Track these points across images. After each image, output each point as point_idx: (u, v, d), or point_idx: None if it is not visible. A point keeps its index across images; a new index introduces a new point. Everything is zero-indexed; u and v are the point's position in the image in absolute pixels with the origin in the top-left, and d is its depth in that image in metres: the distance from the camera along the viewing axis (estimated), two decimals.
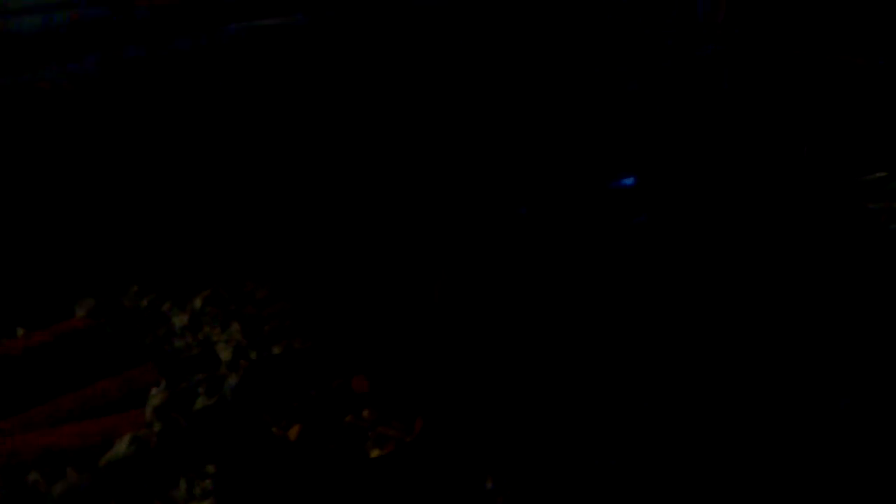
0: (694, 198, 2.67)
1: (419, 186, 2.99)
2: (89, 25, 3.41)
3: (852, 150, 3.08)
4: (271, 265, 2.97)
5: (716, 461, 2.06)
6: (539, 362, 2.31)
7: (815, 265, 2.53)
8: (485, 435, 2.14)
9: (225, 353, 2.61)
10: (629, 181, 2.55)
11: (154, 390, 2.37)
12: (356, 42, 3.68)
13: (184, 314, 2.80)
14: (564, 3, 3.12)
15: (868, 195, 2.78)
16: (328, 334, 2.62)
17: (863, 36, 3.71)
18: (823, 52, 3.64)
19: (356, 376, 2.36)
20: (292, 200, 3.15)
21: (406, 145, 3.19)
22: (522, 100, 3.24)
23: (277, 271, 2.95)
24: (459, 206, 2.82)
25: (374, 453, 2.14)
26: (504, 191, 2.77)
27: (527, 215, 2.59)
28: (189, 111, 3.31)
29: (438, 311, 2.46)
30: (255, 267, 2.98)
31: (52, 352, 2.55)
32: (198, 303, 2.86)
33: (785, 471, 2.04)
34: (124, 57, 3.34)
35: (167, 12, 3.56)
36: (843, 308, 2.40)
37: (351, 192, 3.09)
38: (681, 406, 2.20)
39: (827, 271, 2.51)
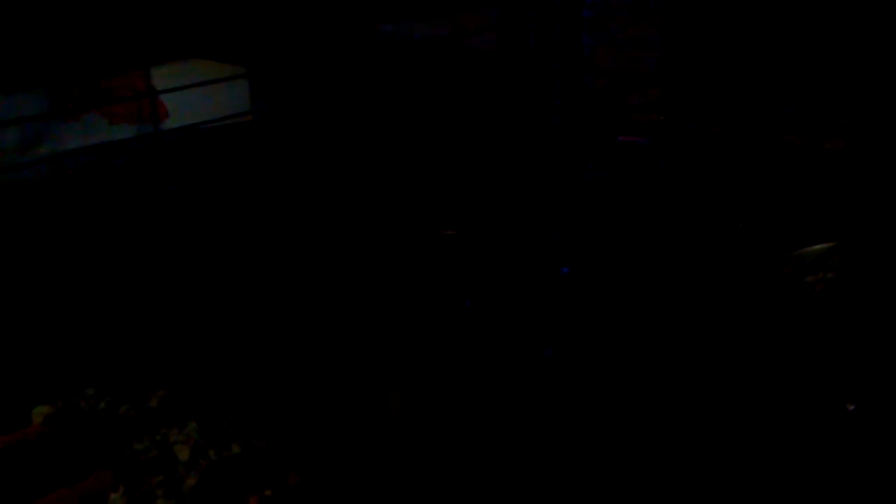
0: (628, 283, 2.77)
1: (372, 284, 3.06)
2: None
3: (794, 226, 3.19)
4: (229, 362, 2.99)
5: None
6: (492, 460, 2.36)
7: (743, 336, 2.61)
8: None
9: (183, 454, 2.61)
10: (565, 270, 2.65)
11: (112, 496, 2.37)
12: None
13: (141, 415, 2.80)
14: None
15: (806, 268, 2.89)
16: (288, 431, 2.64)
17: (802, 116, 3.89)
18: (760, 132, 3.81)
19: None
20: (245, 299, 3.19)
21: (349, 242, 3.27)
22: (459, 191, 3.35)
23: (236, 368, 2.97)
24: (406, 300, 2.89)
25: None
26: (450, 284, 2.85)
27: (471, 308, 2.67)
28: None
29: (395, 417, 2.51)
30: (212, 364, 3.00)
31: (7, 461, 2.54)
32: (154, 402, 2.86)
33: None
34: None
35: None
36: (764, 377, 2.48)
37: (308, 291, 3.15)
38: None
39: (754, 341, 2.60)
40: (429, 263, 3.00)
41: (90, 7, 3.16)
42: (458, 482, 2.30)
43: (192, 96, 3.84)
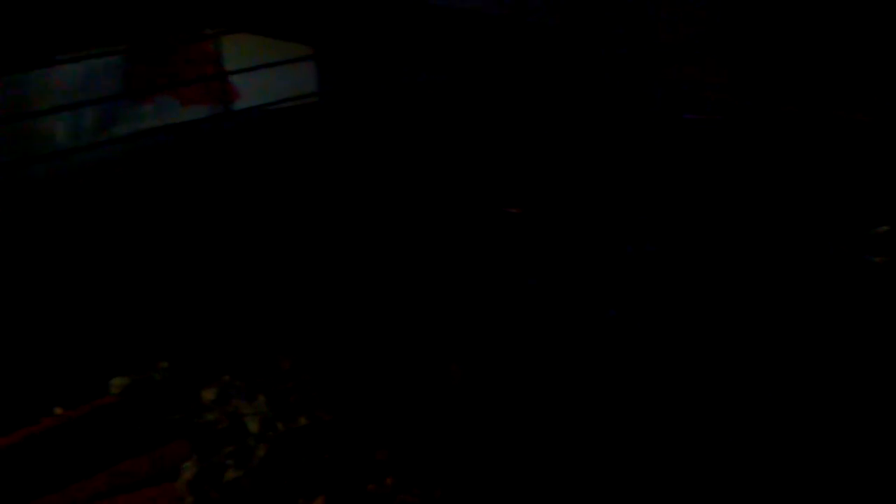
0: (693, 260, 2.77)
1: (436, 262, 3.10)
2: None
3: (858, 205, 3.15)
4: (295, 338, 3.06)
5: None
6: (552, 437, 2.38)
7: (815, 317, 2.60)
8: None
9: (253, 426, 2.69)
10: (629, 249, 2.66)
11: (186, 464, 2.46)
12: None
13: (212, 388, 2.89)
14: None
15: (872, 249, 2.85)
16: (352, 405, 2.70)
17: (862, 91, 3.81)
18: (821, 107, 3.74)
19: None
20: (316, 276, 3.26)
21: (422, 224, 3.31)
22: (532, 174, 3.37)
23: (302, 344, 3.04)
24: (472, 278, 2.92)
25: None
26: (515, 262, 2.88)
27: (536, 286, 2.70)
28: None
29: (456, 388, 2.55)
30: (280, 339, 3.08)
31: (86, 429, 2.65)
32: (226, 377, 2.95)
33: None
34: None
35: None
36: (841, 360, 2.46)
37: (374, 268, 3.20)
38: None
39: (827, 323, 2.58)
40: (493, 241, 3.03)
41: None
42: (519, 445, 2.34)
43: (262, 79, 3.92)
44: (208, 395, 2.86)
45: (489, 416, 2.47)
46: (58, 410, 2.76)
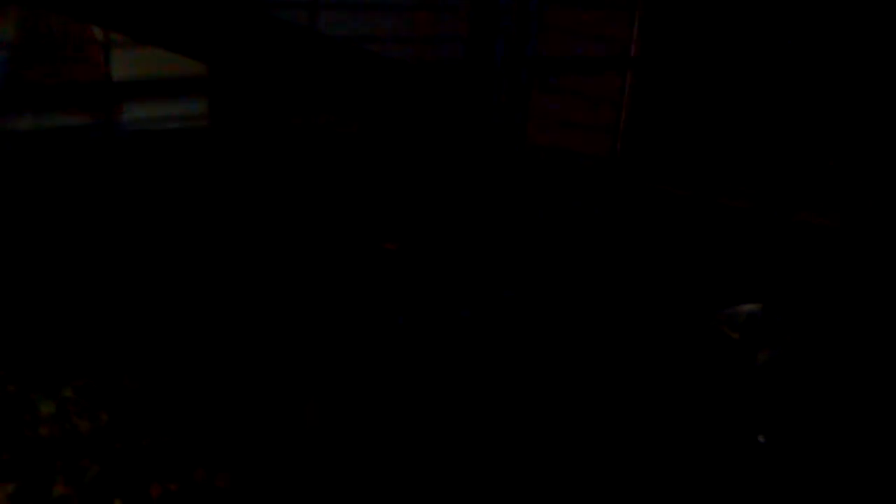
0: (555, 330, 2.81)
1: (293, 286, 3.06)
2: None
3: (729, 285, 3.25)
4: (146, 359, 2.95)
5: None
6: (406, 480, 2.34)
7: (667, 389, 2.65)
8: None
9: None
10: (508, 294, 2.69)
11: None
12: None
13: (51, 402, 2.75)
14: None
15: (734, 326, 2.93)
16: (198, 430, 2.61)
17: (742, 179, 3.98)
18: (701, 194, 3.89)
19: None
20: (177, 295, 3.18)
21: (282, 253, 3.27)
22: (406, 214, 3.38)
23: (150, 363, 2.94)
24: (335, 311, 2.89)
25: None
26: (383, 300, 2.85)
27: (403, 325, 2.67)
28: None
29: (310, 430, 2.49)
30: (130, 360, 2.96)
31: None
32: (67, 392, 2.81)
33: None
34: None
35: None
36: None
37: (242, 294, 3.14)
38: None
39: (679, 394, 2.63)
40: (365, 278, 3.00)
41: None
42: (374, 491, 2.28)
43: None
44: (46, 408, 2.71)
45: (342, 457, 2.39)
46: None
